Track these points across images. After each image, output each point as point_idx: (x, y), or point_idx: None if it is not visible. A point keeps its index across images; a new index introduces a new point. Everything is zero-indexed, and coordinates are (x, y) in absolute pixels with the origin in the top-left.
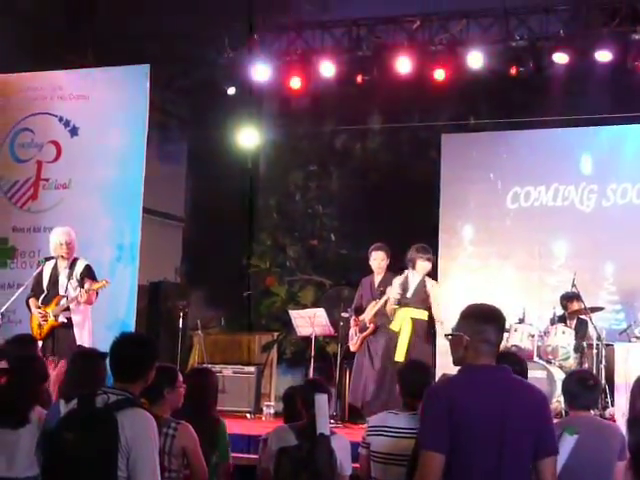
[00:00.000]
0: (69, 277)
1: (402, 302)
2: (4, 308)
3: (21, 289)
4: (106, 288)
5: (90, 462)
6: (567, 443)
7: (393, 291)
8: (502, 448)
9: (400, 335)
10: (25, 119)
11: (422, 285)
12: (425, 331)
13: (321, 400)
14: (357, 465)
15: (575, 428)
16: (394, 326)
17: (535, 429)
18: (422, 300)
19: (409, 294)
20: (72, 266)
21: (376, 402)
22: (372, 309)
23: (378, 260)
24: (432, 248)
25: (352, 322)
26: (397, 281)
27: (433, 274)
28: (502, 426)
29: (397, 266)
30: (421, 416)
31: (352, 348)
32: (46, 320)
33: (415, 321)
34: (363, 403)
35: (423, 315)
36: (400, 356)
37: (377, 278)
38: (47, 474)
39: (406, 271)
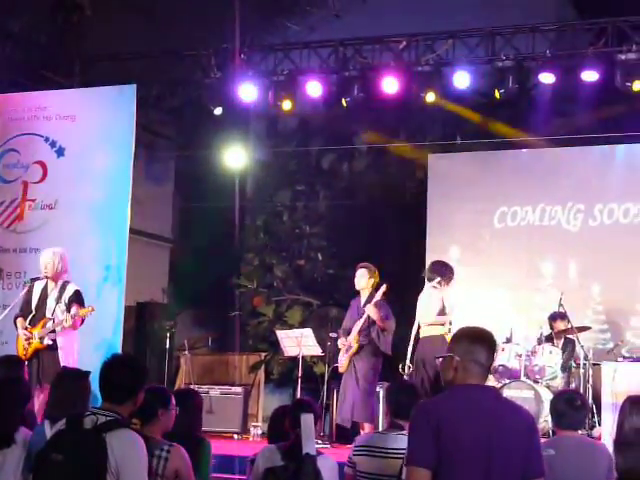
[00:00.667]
0: (57, 300)
1: None
2: None
3: (7, 310)
4: (92, 314)
5: None
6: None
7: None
8: (489, 468)
9: None
10: (11, 140)
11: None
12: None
13: (307, 420)
14: None
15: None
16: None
17: (523, 450)
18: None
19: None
20: (62, 289)
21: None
22: (355, 328)
23: (358, 277)
24: (420, 268)
25: (339, 343)
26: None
27: (420, 292)
28: (489, 446)
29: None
30: (409, 432)
31: (340, 369)
32: (30, 342)
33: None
34: (352, 423)
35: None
36: None
37: (362, 297)
38: None
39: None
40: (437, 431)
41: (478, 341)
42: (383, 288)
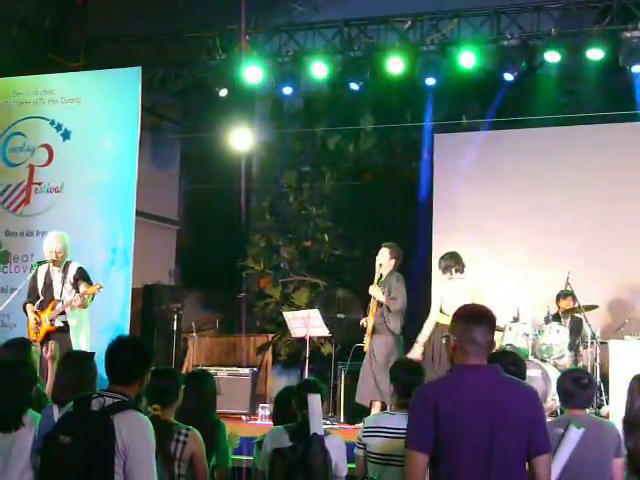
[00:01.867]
0: (63, 281)
1: None
2: None
3: (15, 293)
4: (100, 292)
5: (86, 465)
6: (574, 434)
7: None
8: (491, 449)
9: None
10: (17, 123)
11: None
12: None
13: (314, 400)
14: (353, 465)
15: (580, 424)
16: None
17: (526, 428)
18: None
19: None
20: (65, 270)
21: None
22: (370, 308)
23: (379, 255)
24: (426, 248)
25: (362, 322)
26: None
27: (427, 274)
28: (490, 427)
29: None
30: (408, 415)
31: (364, 349)
32: (41, 325)
33: None
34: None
35: None
36: None
37: (376, 276)
38: (43, 478)
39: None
40: (435, 414)
41: (472, 320)
42: None
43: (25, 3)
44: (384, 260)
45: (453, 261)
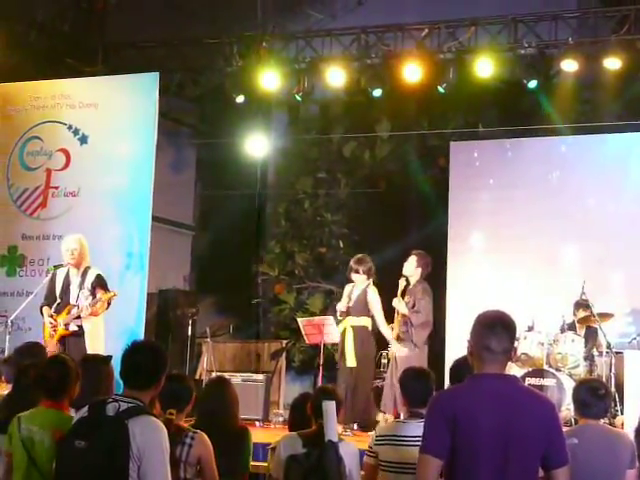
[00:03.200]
0: (80, 286)
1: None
2: (14, 315)
3: (30, 297)
4: (115, 299)
5: (101, 470)
6: None
7: (341, 303)
8: (507, 460)
9: (346, 342)
10: (34, 127)
11: (364, 293)
12: (368, 337)
13: (329, 407)
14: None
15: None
16: (342, 334)
17: (544, 440)
18: (364, 307)
19: (350, 303)
20: (84, 275)
21: None
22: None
23: (406, 263)
24: (441, 256)
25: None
26: (347, 290)
27: (442, 281)
28: (507, 438)
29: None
30: (424, 421)
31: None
32: (56, 329)
33: (357, 328)
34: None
35: (364, 322)
36: (351, 362)
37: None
38: None
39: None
40: (452, 422)
41: (487, 327)
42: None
43: (43, 8)
44: (410, 269)
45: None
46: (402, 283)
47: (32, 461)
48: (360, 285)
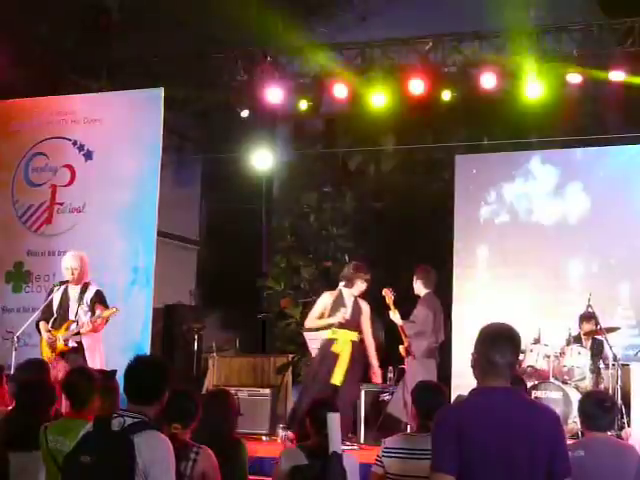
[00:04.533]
0: (79, 302)
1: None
2: (19, 332)
3: (36, 313)
4: (116, 315)
5: None
6: None
7: (344, 311)
8: (513, 474)
9: (341, 357)
10: (39, 143)
11: (357, 305)
12: (359, 353)
13: (333, 419)
14: None
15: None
16: (336, 348)
17: (548, 452)
18: (356, 321)
19: (347, 315)
20: (83, 291)
21: None
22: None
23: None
24: (447, 269)
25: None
26: (330, 299)
27: (449, 294)
28: (512, 452)
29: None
30: (432, 438)
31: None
32: (55, 344)
33: (353, 343)
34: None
35: (356, 337)
36: (337, 379)
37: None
38: None
39: (340, 287)
40: (458, 436)
41: (492, 340)
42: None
43: (48, 24)
44: (417, 286)
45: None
46: (389, 296)
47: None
48: (351, 295)
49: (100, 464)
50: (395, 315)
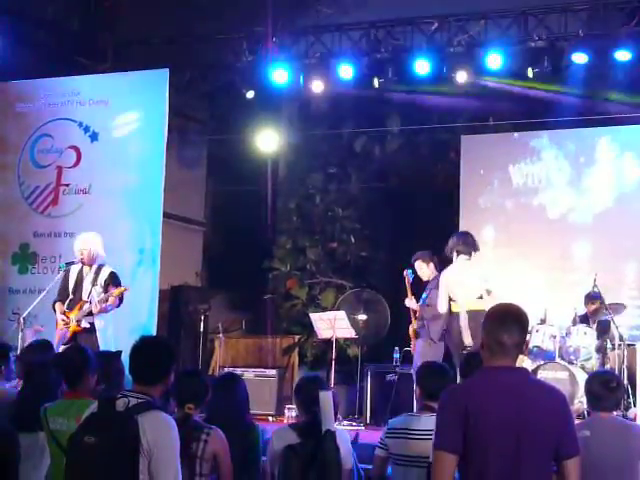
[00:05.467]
0: (93, 283)
1: None
2: (26, 313)
3: (42, 294)
4: (127, 292)
5: (111, 466)
6: None
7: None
8: (519, 453)
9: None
10: (45, 125)
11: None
12: None
13: (326, 397)
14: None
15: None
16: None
17: (555, 431)
18: None
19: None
20: (97, 272)
21: None
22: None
23: (418, 271)
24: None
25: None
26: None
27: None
28: (518, 430)
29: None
30: (436, 417)
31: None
32: (68, 325)
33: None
34: None
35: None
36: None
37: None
38: (69, 478)
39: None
40: (465, 416)
41: (498, 320)
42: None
43: (53, 5)
44: (424, 272)
45: (462, 242)
46: (407, 280)
47: (65, 452)
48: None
49: (104, 444)
50: (411, 301)
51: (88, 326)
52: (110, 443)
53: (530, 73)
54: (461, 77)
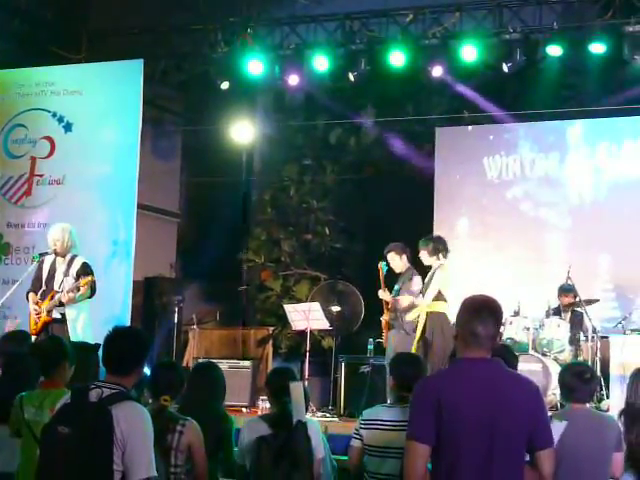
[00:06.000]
0: (65, 273)
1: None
2: None
3: (15, 285)
4: (101, 283)
5: (85, 456)
6: (556, 429)
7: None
8: (492, 444)
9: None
10: (18, 115)
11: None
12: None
13: (297, 388)
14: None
15: (562, 418)
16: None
17: (529, 423)
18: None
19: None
20: (70, 263)
21: None
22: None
23: (391, 263)
24: None
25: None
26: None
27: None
28: (492, 422)
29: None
30: (410, 408)
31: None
32: (39, 316)
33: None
34: None
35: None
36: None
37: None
38: (42, 469)
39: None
40: (438, 407)
41: (473, 311)
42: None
43: None
44: (396, 263)
45: (434, 243)
46: (380, 272)
47: (38, 442)
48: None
49: (78, 435)
50: (385, 293)
51: (59, 316)
52: (84, 434)
53: (505, 66)
54: (436, 69)
